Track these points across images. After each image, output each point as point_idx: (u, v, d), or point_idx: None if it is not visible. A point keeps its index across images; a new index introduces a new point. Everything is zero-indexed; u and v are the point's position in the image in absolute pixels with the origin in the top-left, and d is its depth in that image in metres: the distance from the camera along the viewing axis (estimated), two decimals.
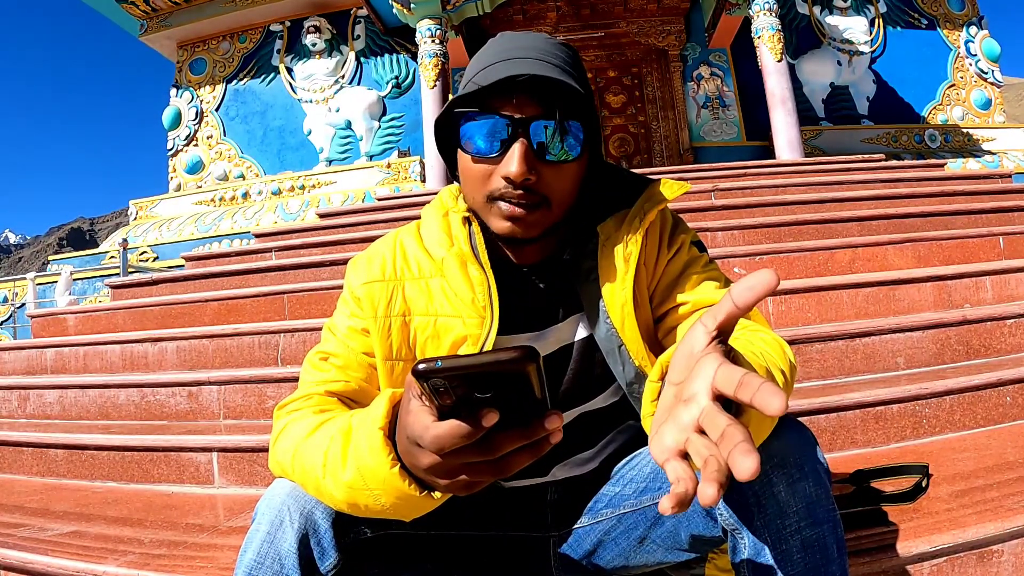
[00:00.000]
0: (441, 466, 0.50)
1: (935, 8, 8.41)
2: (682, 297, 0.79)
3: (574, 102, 0.72)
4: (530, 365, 0.44)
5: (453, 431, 0.46)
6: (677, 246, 0.82)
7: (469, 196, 0.77)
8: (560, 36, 7.97)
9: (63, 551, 1.30)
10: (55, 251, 45.32)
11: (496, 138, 0.70)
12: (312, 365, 0.81)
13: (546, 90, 0.70)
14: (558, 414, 0.48)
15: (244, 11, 8.44)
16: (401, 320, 0.78)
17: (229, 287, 3.30)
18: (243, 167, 8.41)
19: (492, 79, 0.69)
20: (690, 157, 7.68)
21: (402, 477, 0.55)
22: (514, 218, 0.72)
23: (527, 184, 0.70)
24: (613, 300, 0.77)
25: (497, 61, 0.72)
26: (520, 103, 0.70)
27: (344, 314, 0.82)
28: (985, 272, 2.36)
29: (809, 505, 0.62)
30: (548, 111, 0.70)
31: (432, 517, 0.65)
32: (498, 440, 0.48)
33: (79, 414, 2.38)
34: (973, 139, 7.76)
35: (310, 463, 0.64)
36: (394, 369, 0.78)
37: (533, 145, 0.69)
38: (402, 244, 0.84)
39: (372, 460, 0.56)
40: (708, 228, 3.07)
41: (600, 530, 0.83)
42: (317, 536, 0.66)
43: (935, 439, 1.62)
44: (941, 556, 1.04)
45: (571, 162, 0.72)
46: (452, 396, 0.46)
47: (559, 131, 0.70)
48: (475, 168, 0.73)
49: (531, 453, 0.49)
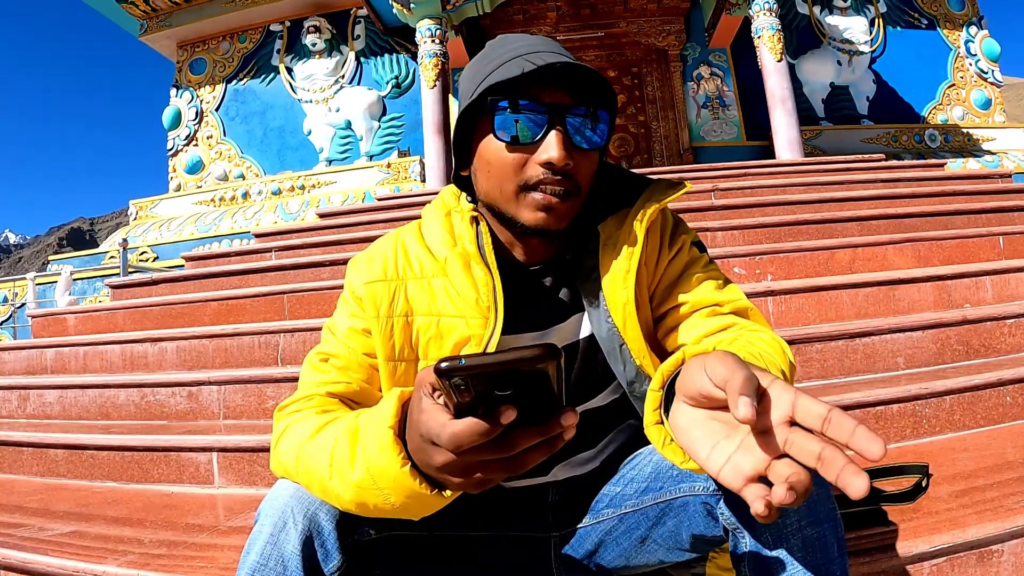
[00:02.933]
0: (456, 464, 0.50)
1: (935, 8, 8.40)
2: (682, 297, 0.80)
3: (603, 95, 0.74)
4: (552, 363, 0.44)
5: (472, 428, 0.47)
6: (678, 246, 0.83)
7: (496, 188, 0.75)
8: (560, 36, 7.97)
9: (63, 551, 1.30)
10: (55, 251, 45.34)
11: (534, 127, 0.71)
12: (312, 366, 0.80)
13: (576, 81, 0.72)
14: (573, 411, 0.48)
15: (244, 11, 8.44)
16: (404, 320, 0.78)
17: (229, 287, 3.30)
18: (243, 167, 8.41)
19: (527, 69, 0.69)
20: (690, 157, 7.68)
21: (413, 476, 0.55)
22: (548, 207, 0.72)
23: (567, 169, 0.71)
24: (615, 299, 0.77)
25: (515, 57, 0.72)
26: (555, 92, 0.72)
27: (344, 314, 0.82)
28: (985, 272, 2.37)
29: (810, 504, 0.62)
30: (580, 100, 0.72)
31: (436, 518, 0.64)
32: (514, 437, 0.48)
33: (79, 414, 2.38)
34: (973, 139, 7.76)
35: (315, 464, 0.63)
36: (396, 369, 0.77)
37: (569, 132, 0.71)
38: (404, 243, 0.83)
39: (382, 459, 0.56)
40: (708, 228, 3.07)
41: (601, 530, 0.83)
42: (321, 538, 0.66)
43: (935, 439, 1.62)
44: (941, 556, 1.04)
45: (597, 150, 0.75)
46: (472, 393, 0.46)
47: (592, 119, 0.72)
48: (509, 157, 0.72)
49: (546, 449, 0.50)
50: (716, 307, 0.78)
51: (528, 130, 0.71)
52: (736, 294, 0.81)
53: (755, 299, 2.21)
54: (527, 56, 0.72)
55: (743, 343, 0.69)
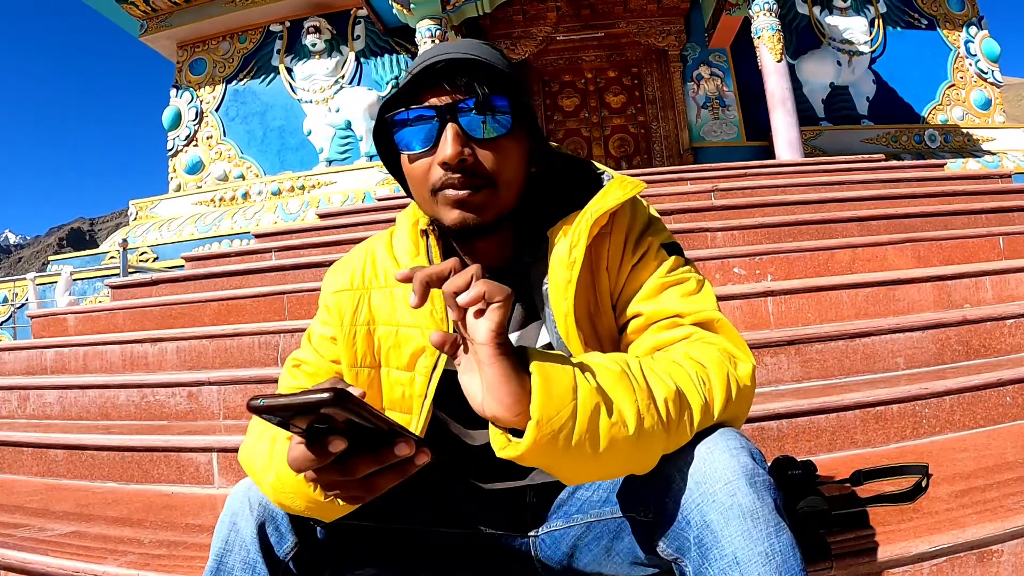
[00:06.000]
0: (316, 481, 0.57)
1: (935, 8, 8.40)
2: (641, 307, 0.75)
3: (497, 82, 0.72)
4: (330, 407, 0.47)
5: (301, 454, 0.53)
6: (643, 250, 0.77)
7: (419, 196, 0.76)
8: (560, 36, 7.99)
9: (63, 551, 1.30)
10: (55, 251, 45.33)
11: (427, 132, 0.71)
12: (287, 371, 0.85)
13: (464, 76, 0.71)
14: (407, 442, 0.53)
15: (244, 11, 8.44)
16: (366, 329, 0.80)
17: (229, 287, 3.30)
18: (243, 167, 8.41)
19: (403, 80, 0.72)
20: (690, 157, 7.68)
21: (308, 484, 0.60)
22: (460, 202, 0.71)
23: (464, 166, 0.70)
24: (557, 309, 0.74)
25: (417, 64, 0.73)
26: (442, 93, 0.71)
27: (318, 321, 0.86)
28: (985, 272, 2.36)
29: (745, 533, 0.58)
30: (470, 93, 0.70)
31: (388, 511, 0.73)
32: (354, 464, 0.54)
33: (79, 414, 2.38)
34: (973, 139, 7.76)
35: (254, 465, 0.72)
36: (359, 376, 0.79)
37: (463, 127, 0.70)
38: (373, 252, 0.85)
39: (284, 468, 0.61)
40: (708, 228, 3.07)
41: (574, 535, 0.82)
42: (275, 523, 0.72)
43: (935, 439, 1.62)
44: (941, 556, 1.04)
45: (504, 137, 0.72)
46: (296, 425, 0.51)
47: (485, 108, 0.70)
48: (416, 167, 0.73)
49: (396, 475, 0.56)
50: (676, 318, 0.73)
51: (422, 136, 0.71)
52: (703, 304, 0.74)
53: (755, 299, 2.21)
54: (415, 66, 0.72)
55: (665, 361, 0.66)
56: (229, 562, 0.70)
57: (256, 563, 0.70)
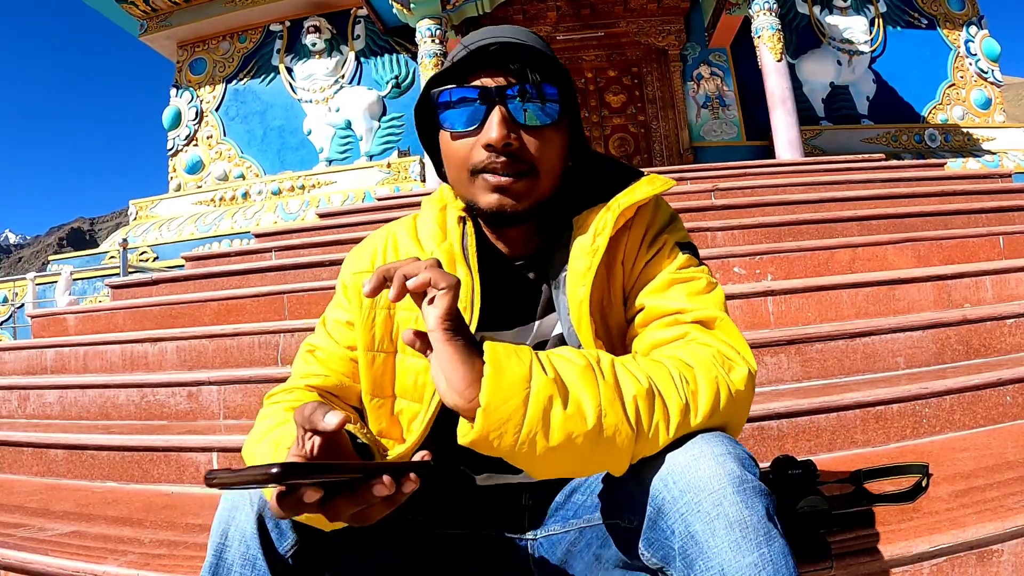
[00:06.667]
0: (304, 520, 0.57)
1: (935, 8, 8.40)
2: (647, 303, 0.74)
3: (548, 71, 0.72)
4: (280, 482, 0.47)
5: (275, 506, 0.52)
6: (658, 246, 0.78)
7: (455, 177, 0.76)
8: (560, 36, 7.98)
9: (63, 551, 1.30)
10: (55, 251, 45.32)
11: (473, 113, 0.71)
12: (301, 356, 0.84)
13: (517, 60, 0.71)
14: (382, 483, 0.51)
15: (244, 11, 8.44)
16: (386, 312, 0.79)
17: (229, 287, 3.30)
18: (243, 167, 8.41)
19: (458, 57, 0.71)
20: (690, 157, 7.68)
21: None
22: (500, 188, 0.71)
23: (509, 150, 0.70)
24: (573, 297, 0.74)
25: (467, 45, 0.73)
26: (493, 75, 0.71)
27: (334, 305, 0.84)
28: (985, 272, 2.36)
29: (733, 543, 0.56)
30: (522, 78, 0.71)
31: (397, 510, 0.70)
32: (333, 507, 0.53)
33: (79, 414, 2.38)
34: (973, 139, 7.76)
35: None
36: (375, 360, 0.78)
37: (511, 112, 0.70)
38: (395, 236, 0.85)
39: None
40: (708, 228, 3.07)
41: (568, 540, 0.82)
42: (274, 519, 0.68)
43: (935, 439, 1.62)
44: (941, 556, 1.04)
45: (550, 127, 0.72)
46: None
47: (536, 95, 0.70)
48: (457, 146, 0.73)
49: (384, 507, 0.55)
50: (678, 315, 0.72)
51: (468, 116, 0.71)
52: (706, 303, 0.73)
53: (755, 299, 2.21)
54: (469, 45, 0.72)
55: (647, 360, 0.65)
56: (228, 557, 0.67)
57: (256, 559, 0.67)
